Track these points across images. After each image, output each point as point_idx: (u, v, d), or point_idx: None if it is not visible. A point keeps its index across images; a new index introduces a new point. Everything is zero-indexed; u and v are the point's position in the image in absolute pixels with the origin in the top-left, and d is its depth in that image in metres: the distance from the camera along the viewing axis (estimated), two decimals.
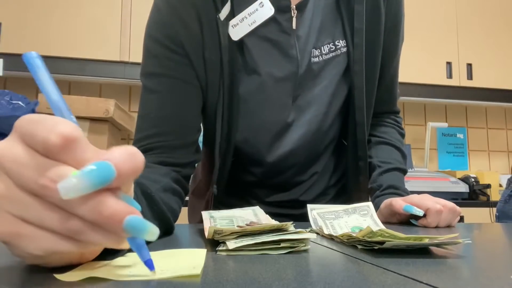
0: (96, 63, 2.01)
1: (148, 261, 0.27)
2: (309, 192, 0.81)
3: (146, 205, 0.46)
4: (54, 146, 0.24)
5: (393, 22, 0.78)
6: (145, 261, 0.27)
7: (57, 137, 0.24)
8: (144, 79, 0.68)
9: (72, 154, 0.25)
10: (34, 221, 0.25)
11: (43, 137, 0.24)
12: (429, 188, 2.00)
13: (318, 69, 0.74)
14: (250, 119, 0.73)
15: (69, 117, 0.28)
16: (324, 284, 0.26)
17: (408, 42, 1.30)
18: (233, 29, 0.68)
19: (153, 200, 0.48)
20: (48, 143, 0.24)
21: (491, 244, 0.49)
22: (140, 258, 0.27)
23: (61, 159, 0.25)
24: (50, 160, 0.24)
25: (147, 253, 0.27)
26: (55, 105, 0.28)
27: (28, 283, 0.25)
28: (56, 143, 0.24)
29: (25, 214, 0.25)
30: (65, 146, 0.24)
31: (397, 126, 0.89)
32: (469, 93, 2.42)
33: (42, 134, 0.24)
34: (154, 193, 0.48)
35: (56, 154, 0.24)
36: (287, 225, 0.39)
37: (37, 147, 0.24)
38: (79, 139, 0.25)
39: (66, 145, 0.24)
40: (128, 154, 0.25)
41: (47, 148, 0.24)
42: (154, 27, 0.67)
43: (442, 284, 0.26)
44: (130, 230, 0.24)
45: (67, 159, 0.25)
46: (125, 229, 0.24)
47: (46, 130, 0.24)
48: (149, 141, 0.65)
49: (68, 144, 0.24)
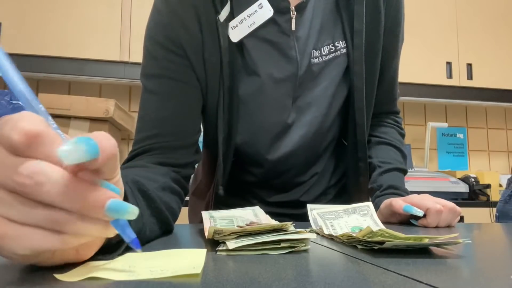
0: (96, 63, 2.01)
1: (134, 240, 0.28)
2: (309, 193, 0.81)
3: (143, 203, 0.46)
4: (18, 144, 0.24)
5: (393, 23, 0.78)
6: (131, 241, 0.28)
7: (19, 134, 0.24)
8: (144, 80, 0.68)
9: (40, 148, 0.25)
10: (17, 219, 0.25)
11: (7, 136, 0.24)
12: (429, 188, 2.00)
13: (318, 70, 0.74)
14: (250, 120, 0.73)
15: (38, 108, 0.27)
16: (324, 284, 0.26)
17: (408, 42, 1.31)
18: (232, 31, 0.68)
19: (150, 197, 0.48)
20: (12, 141, 0.24)
21: (491, 244, 0.49)
22: (125, 238, 0.28)
23: (31, 155, 0.25)
24: (20, 158, 0.24)
25: (131, 232, 0.28)
26: (20, 94, 0.27)
27: (28, 283, 0.25)
28: (19, 140, 0.24)
29: (7, 213, 0.25)
30: (30, 142, 0.24)
31: (397, 126, 0.89)
32: (469, 93, 2.42)
33: (4, 133, 0.24)
34: (151, 191, 0.48)
35: (24, 152, 0.24)
36: (287, 225, 0.39)
37: (5, 147, 0.25)
38: (43, 132, 0.25)
39: (31, 141, 0.24)
40: (107, 135, 0.26)
41: (13, 147, 0.24)
42: (154, 28, 0.67)
43: (442, 284, 0.26)
44: (112, 213, 0.26)
45: (36, 154, 0.25)
46: (107, 212, 0.25)
47: (8, 128, 0.24)
48: (148, 142, 0.65)
49: (32, 139, 0.24)
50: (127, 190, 0.37)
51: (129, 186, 0.42)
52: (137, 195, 0.45)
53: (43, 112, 0.27)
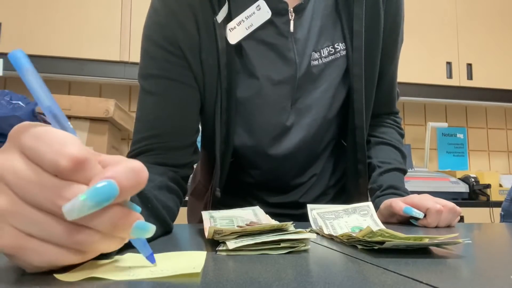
0: (96, 63, 2.01)
1: (151, 255, 0.30)
2: (308, 194, 0.81)
3: (139, 203, 0.46)
4: (65, 170, 0.24)
5: (392, 24, 0.77)
6: (148, 256, 0.30)
7: (67, 160, 0.24)
8: (141, 81, 0.68)
9: (83, 173, 0.25)
10: (40, 236, 0.25)
11: (52, 159, 0.24)
12: (429, 188, 2.00)
13: (318, 72, 0.73)
14: (248, 122, 0.73)
15: (66, 125, 0.27)
16: (324, 284, 0.26)
17: (408, 42, 1.31)
18: (230, 33, 0.68)
19: (145, 197, 0.47)
20: (59, 166, 0.24)
21: (491, 244, 0.49)
22: (144, 254, 0.30)
23: (72, 178, 0.25)
24: (63, 181, 0.25)
25: (149, 248, 0.30)
26: (49, 112, 0.27)
27: (28, 283, 0.25)
28: (67, 167, 0.24)
29: (32, 229, 0.25)
30: (77, 169, 0.25)
31: (397, 126, 0.89)
32: (469, 93, 2.42)
33: (50, 156, 0.24)
34: (147, 191, 0.47)
35: (67, 176, 0.25)
36: (287, 225, 0.39)
37: (44, 167, 0.24)
38: (89, 159, 0.25)
39: (77, 168, 0.25)
40: (132, 171, 0.26)
41: (57, 170, 0.24)
42: (151, 28, 0.67)
43: (442, 284, 0.26)
44: (137, 234, 0.27)
45: (78, 178, 0.25)
46: (132, 233, 0.27)
47: (53, 152, 0.24)
48: (146, 142, 0.65)
49: (79, 166, 0.25)
50: None
51: None
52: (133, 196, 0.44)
53: (71, 130, 0.27)
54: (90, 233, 0.26)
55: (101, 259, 0.31)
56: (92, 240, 0.26)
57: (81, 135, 1.80)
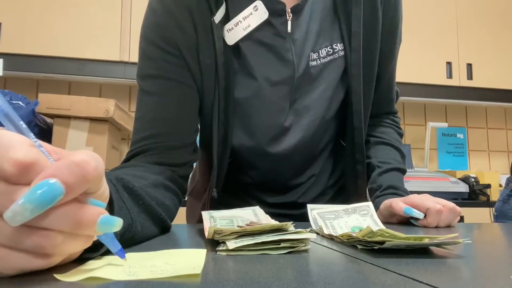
0: (96, 63, 2.01)
1: (120, 250, 0.30)
2: (307, 194, 0.81)
3: (130, 200, 0.44)
4: (11, 175, 0.24)
5: (390, 24, 0.77)
6: (117, 251, 0.30)
7: (12, 165, 0.24)
8: (140, 81, 0.68)
9: (32, 177, 0.25)
10: (6, 244, 0.25)
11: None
12: (429, 188, 2.00)
13: (316, 72, 0.73)
14: (246, 122, 0.73)
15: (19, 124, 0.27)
16: (324, 284, 0.26)
17: (408, 42, 1.31)
18: (228, 34, 0.68)
19: (136, 194, 0.46)
20: (5, 172, 0.24)
21: (491, 244, 0.49)
22: (113, 249, 0.30)
23: (23, 182, 0.25)
24: (12, 186, 0.24)
25: (117, 243, 0.30)
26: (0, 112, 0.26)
27: (28, 283, 0.25)
28: (12, 172, 0.24)
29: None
30: (23, 173, 0.24)
31: (396, 126, 0.89)
32: (469, 93, 2.42)
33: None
34: (137, 188, 0.46)
35: (16, 181, 0.24)
36: (287, 225, 0.39)
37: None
38: (35, 161, 0.25)
39: (23, 172, 0.24)
40: (76, 166, 0.25)
41: (4, 176, 0.24)
42: (149, 28, 0.67)
43: (442, 284, 0.26)
44: (103, 229, 0.26)
45: (28, 181, 0.25)
46: (98, 229, 0.26)
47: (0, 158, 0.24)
48: (145, 142, 0.65)
49: (24, 170, 0.24)
50: (110, 188, 0.36)
51: (113, 184, 0.41)
52: (122, 192, 0.43)
53: (25, 129, 0.27)
54: (49, 235, 0.25)
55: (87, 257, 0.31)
56: (54, 242, 0.25)
57: (81, 135, 1.80)
